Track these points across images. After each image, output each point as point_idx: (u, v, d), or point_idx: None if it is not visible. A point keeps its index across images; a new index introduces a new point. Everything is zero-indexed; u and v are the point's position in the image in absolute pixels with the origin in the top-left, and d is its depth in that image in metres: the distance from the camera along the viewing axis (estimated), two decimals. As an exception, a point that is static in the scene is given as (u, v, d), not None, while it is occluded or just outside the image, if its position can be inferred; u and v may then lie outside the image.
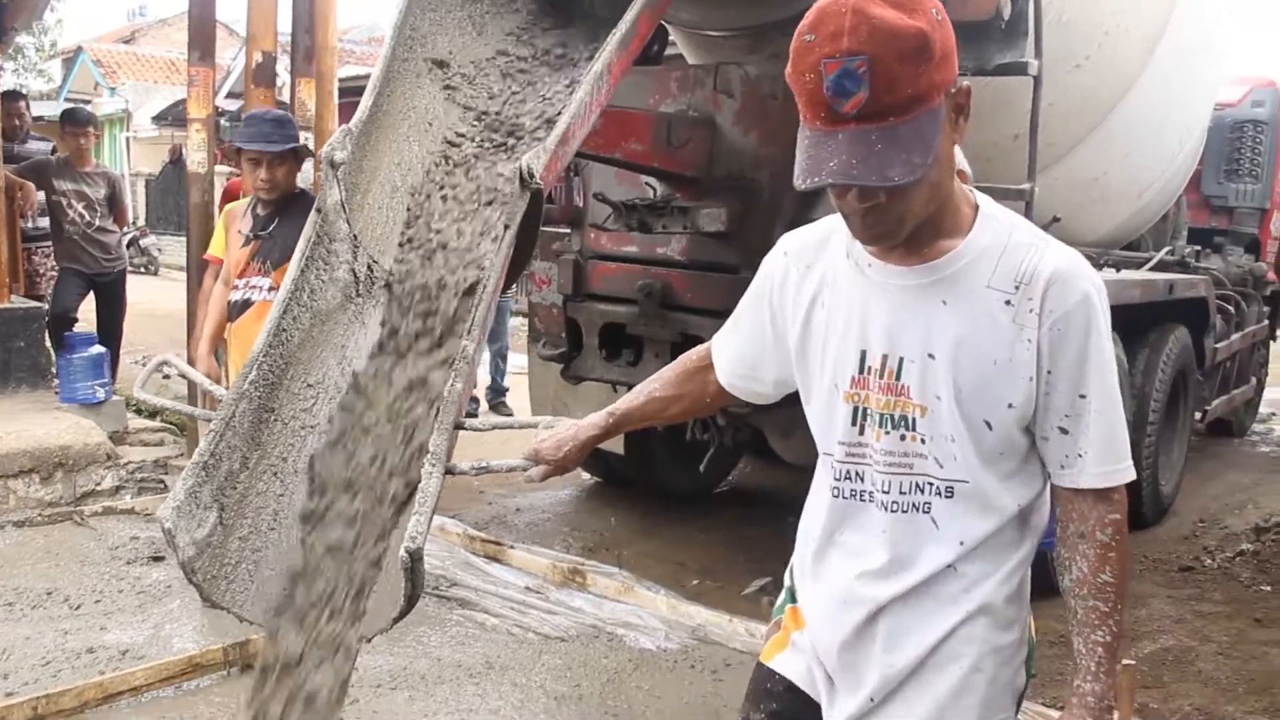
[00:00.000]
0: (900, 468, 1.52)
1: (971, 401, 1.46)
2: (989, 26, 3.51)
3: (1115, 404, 1.48)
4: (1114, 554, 1.49)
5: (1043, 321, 1.42)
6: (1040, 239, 1.50)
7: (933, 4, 1.34)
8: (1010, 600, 1.55)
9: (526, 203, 2.62)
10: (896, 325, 1.50)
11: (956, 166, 2.57)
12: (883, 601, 1.55)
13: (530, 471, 1.91)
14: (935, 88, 1.33)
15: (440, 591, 4.43)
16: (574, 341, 4.56)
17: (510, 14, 3.65)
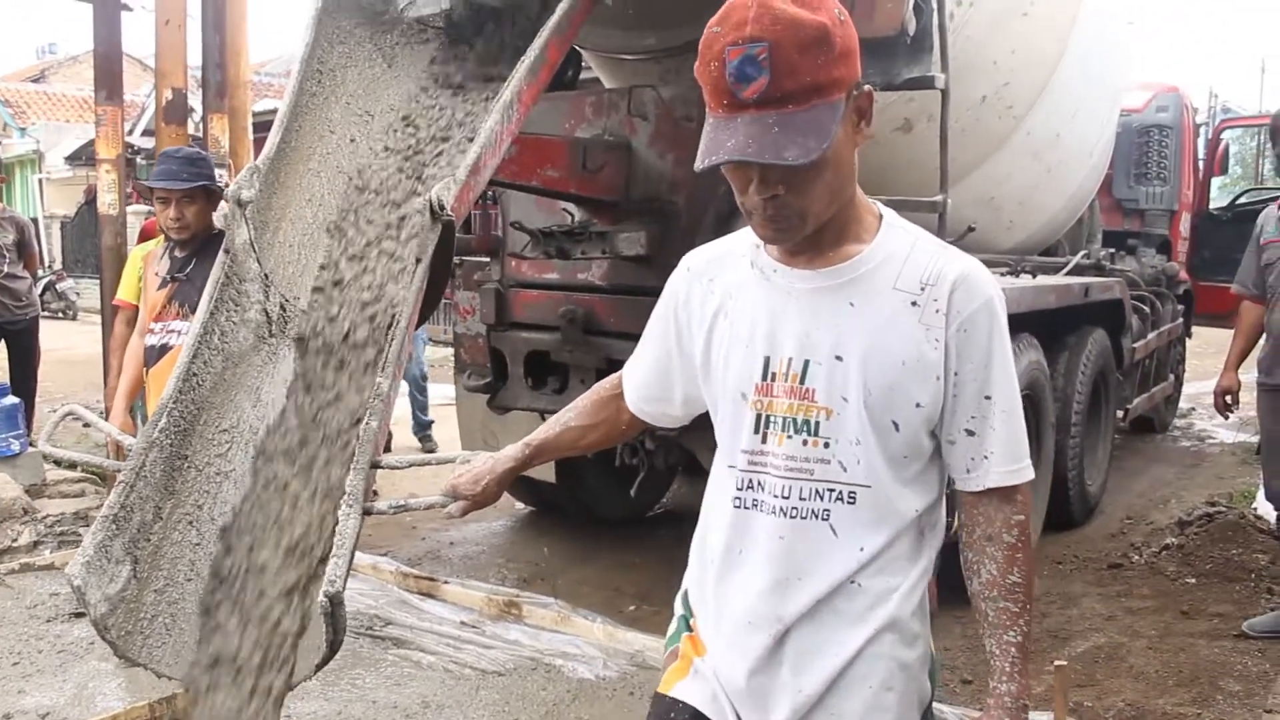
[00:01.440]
0: (801, 473, 1.52)
1: (880, 402, 1.47)
2: (895, 42, 3.55)
3: (1017, 405, 1.51)
4: (1021, 555, 1.52)
5: (950, 322, 1.45)
6: (942, 246, 1.53)
7: (837, 5, 1.38)
8: (915, 614, 1.56)
9: (438, 235, 2.59)
10: (803, 329, 1.51)
11: None
12: (788, 621, 1.53)
13: (449, 508, 1.88)
14: (835, 82, 1.36)
15: (374, 632, 4.35)
16: (499, 371, 4.52)
17: (420, 45, 3.63)
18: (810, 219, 1.44)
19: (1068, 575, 5.39)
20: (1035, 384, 5.12)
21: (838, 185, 1.43)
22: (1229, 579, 5.10)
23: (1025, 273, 5.47)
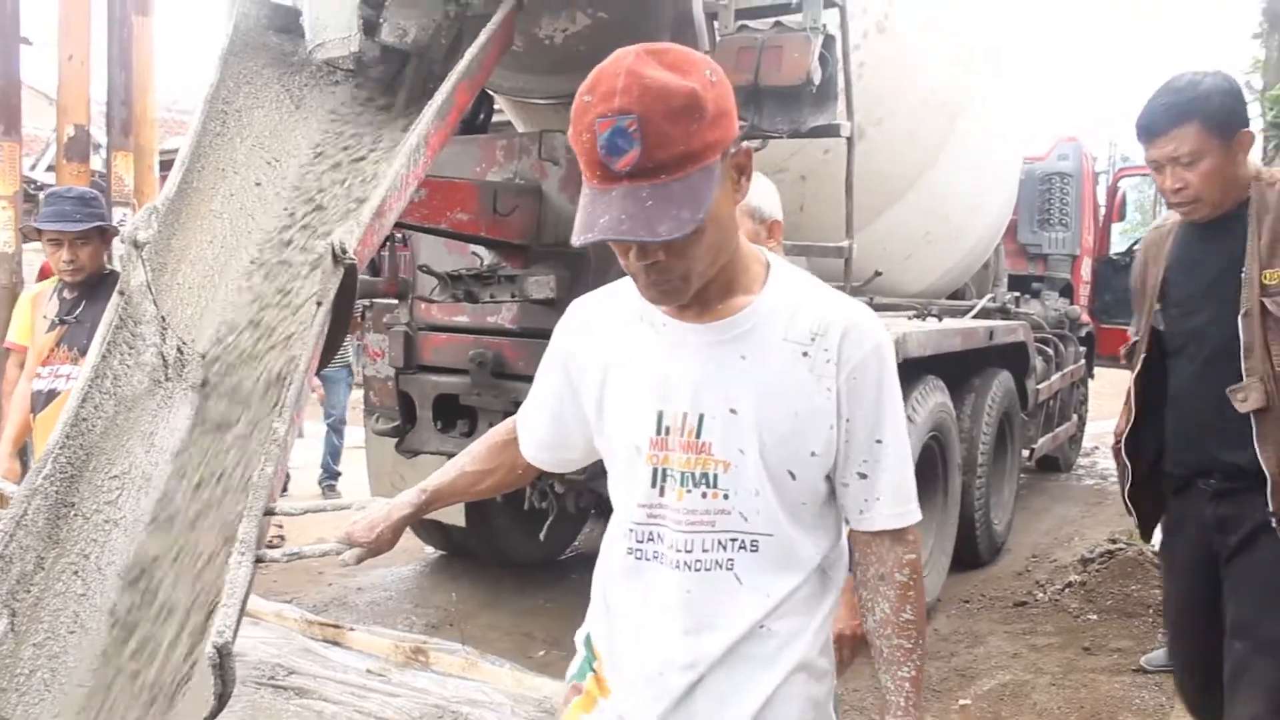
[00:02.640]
0: (702, 526, 1.51)
1: (776, 453, 1.48)
2: (801, 91, 3.62)
3: (906, 448, 1.55)
4: (913, 593, 1.55)
5: (840, 370, 1.47)
6: (830, 294, 1.55)
7: (708, 66, 1.37)
8: (823, 651, 1.58)
9: (340, 278, 2.57)
10: (695, 382, 1.50)
11: (771, 216, 2.64)
12: (702, 669, 1.53)
13: (344, 555, 1.84)
14: (709, 146, 1.34)
15: (276, 681, 4.23)
16: (408, 414, 4.48)
17: (329, 87, 3.61)
18: (694, 280, 1.43)
19: (975, 614, 5.46)
20: (942, 426, 5.21)
21: (719, 244, 1.43)
22: (1128, 614, 5.22)
23: (932, 315, 5.58)
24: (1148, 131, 2.45)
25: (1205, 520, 2.53)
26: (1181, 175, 2.41)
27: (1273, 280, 2.38)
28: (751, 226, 2.59)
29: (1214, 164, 2.38)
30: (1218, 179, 2.39)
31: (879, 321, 1.55)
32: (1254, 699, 2.38)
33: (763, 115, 3.64)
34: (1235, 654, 2.44)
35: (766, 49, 3.54)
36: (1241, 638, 2.43)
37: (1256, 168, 2.49)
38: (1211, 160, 2.38)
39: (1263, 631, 2.39)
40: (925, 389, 5.03)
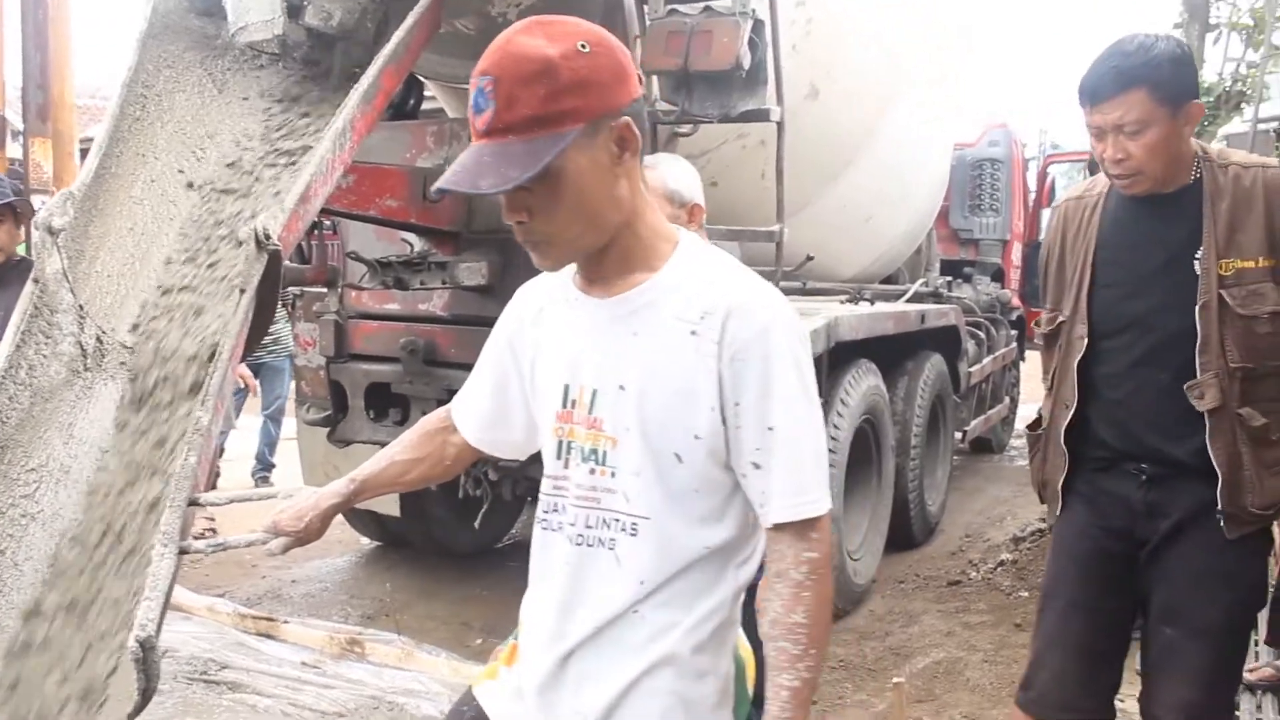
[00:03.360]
0: (590, 502, 1.52)
1: (658, 433, 1.47)
2: (731, 76, 3.62)
3: (805, 436, 1.47)
4: (809, 594, 1.46)
5: (723, 352, 1.44)
6: (733, 275, 1.51)
7: (588, 39, 1.39)
8: (701, 650, 1.51)
9: (264, 265, 2.53)
10: (594, 357, 1.52)
11: (690, 200, 2.63)
12: (571, 645, 1.53)
13: (270, 545, 1.82)
14: (565, 114, 1.37)
15: (209, 676, 4.18)
16: (340, 404, 4.42)
17: (253, 71, 3.55)
18: (561, 244, 1.46)
19: (909, 594, 5.54)
20: (875, 409, 5.27)
21: (587, 212, 1.43)
22: (1058, 592, 5.31)
23: (864, 300, 5.64)
24: (1092, 95, 2.26)
25: (1132, 504, 2.42)
26: (1124, 145, 2.24)
27: (1229, 272, 2.27)
28: (670, 210, 2.62)
29: (1160, 135, 2.21)
30: (1162, 152, 2.23)
31: (776, 303, 1.49)
32: (1185, 683, 2.34)
33: (692, 100, 3.63)
34: (1164, 639, 2.37)
35: (696, 33, 3.54)
36: (1172, 624, 2.36)
37: (1202, 145, 2.37)
38: (1158, 131, 2.21)
39: (1195, 618, 2.34)
40: (858, 372, 5.08)
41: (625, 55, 1.44)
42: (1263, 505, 2.32)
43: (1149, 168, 2.25)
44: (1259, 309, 2.26)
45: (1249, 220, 2.26)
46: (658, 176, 2.63)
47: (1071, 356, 2.45)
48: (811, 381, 1.50)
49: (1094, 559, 2.48)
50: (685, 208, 2.64)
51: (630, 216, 1.48)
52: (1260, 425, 2.29)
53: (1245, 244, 2.26)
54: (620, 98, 1.41)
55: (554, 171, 1.38)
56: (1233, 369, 2.26)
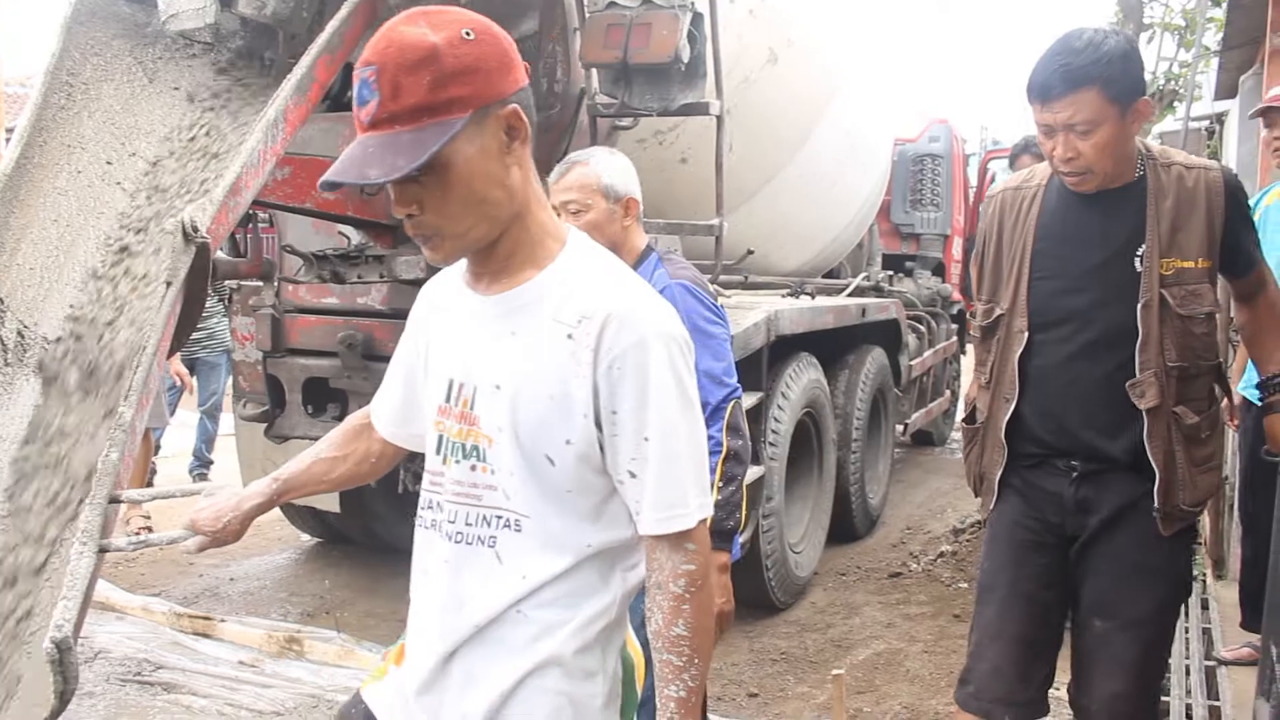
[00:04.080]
0: (469, 499, 1.50)
1: (530, 436, 1.44)
2: (670, 69, 3.62)
3: (683, 447, 1.44)
4: (688, 607, 1.44)
5: (599, 360, 1.41)
6: (614, 278, 1.48)
7: (472, 26, 1.37)
8: (586, 652, 1.49)
9: (191, 257, 2.48)
10: (474, 354, 1.51)
11: (625, 194, 2.61)
12: (454, 644, 1.51)
13: (186, 543, 1.78)
14: (453, 102, 1.34)
15: (142, 677, 4.11)
16: (277, 399, 4.36)
17: (185, 60, 3.48)
18: (450, 238, 1.42)
19: (850, 586, 5.58)
20: (815, 402, 5.30)
21: (478, 202, 1.41)
22: (996, 583, 5.38)
23: (805, 294, 5.67)
24: (1042, 93, 2.21)
25: (1063, 500, 2.42)
26: (1074, 144, 2.21)
27: (1169, 271, 2.27)
28: (606, 206, 2.59)
29: (1110, 134, 2.19)
30: (1112, 150, 2.22)
31: (658, 313, 1.45)
32: (1115, 675, 2.37)
33: (632, 93, 3.63)
34: (1095, 631, 2.40)
35: (635, 26, 3.53)
36: (1103, 616, 2.39)
37: (1145, 143, 2.36)
38: (1108, 130, 2.19)
39: (1125, 611, 2.36)
40: (799, 366, 5.11)
41: (509, 44, 1.42)
42: (1193, 502, 2.35)
43: (1099, 166, 2.24)
44: (1196, 309, 2.27)
45: (1191, 221, 2.27)
46: (591, 172, 2.59)
47: (1011, 350, 2.42)
48: (693, 391, 1.47)
49: (1029, 550, 2.49)
50: (620, 202, 2.61)
51: (522, 208, 1.46)
52: (1193, 424, 2.31)
53: (1186, 244, 2.27)
54: (507, 85, 1.39)
55: (442, 161, 1.36)
56: (1169, 368, 2.28)
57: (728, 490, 2.50)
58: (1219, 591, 4.82)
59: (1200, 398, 2.35)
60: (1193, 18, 10.05)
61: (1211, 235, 2.28)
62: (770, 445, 4.75)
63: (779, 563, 4.93)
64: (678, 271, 2.64)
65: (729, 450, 2.50)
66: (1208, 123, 9.76)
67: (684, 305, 2.53)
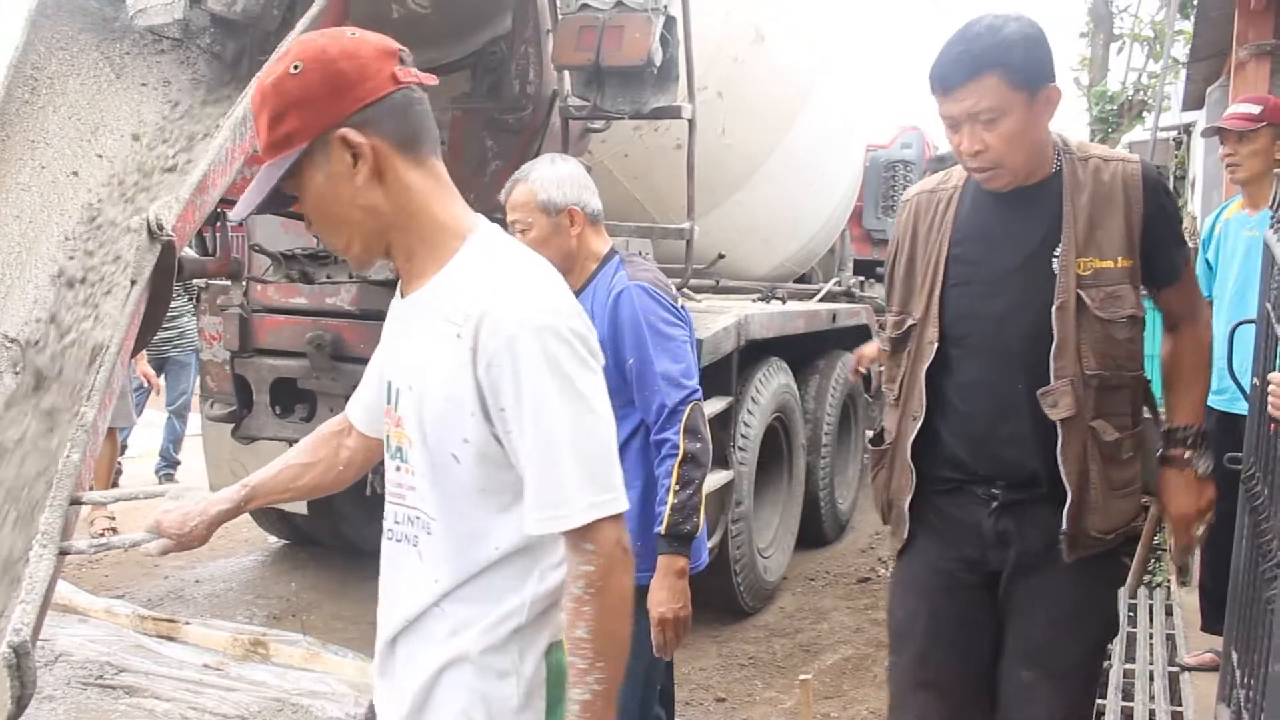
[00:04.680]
0: (397, 498, 1.54)
1: (435, 434, 1.46)
2: (642, 72, 3.61)
3: (562, 443, 1.41)
4: (588, 609, 1.42)
5: (477, 359, 1.41)
6: (494, 276, 1.45)
7: (304, 58, 1.41)
8: (496, 651, 1.48)
9: (157, 256, 2.45)
10: (395, 355, 1.56)
11: (564, 205, 2.58)
12: (393, 632, 1.55)
13: (148, 546, 1.76)
14: (288, 137, 1.40)
15: (105, 680, 4.06)
16: (244, 399, 4.32)
17: (154, 56, 3.44)
18: (341, 251, 1.50)
19: (819, 591, 5.59)
20: (785, 407, 5.31)
21: (341, 225, 1.46)
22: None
23: (776, 299, 5.67)
24: (942, 82, 2.07)
25: (982, 532, 2.21)
26: (980, 135, 2.05)
27: (1087, 271, 2.10)
28: (547, 221, 2.55)
29: (1018, 123, 2.03)
30: (1021, 141, 2.06)
31: (532, 312, 1.41)
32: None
33: (604, 95, 3.62)
34: (1021, 680, 2.20)
35: (608, 29, 3.52)
36: (1029, 664, 2.19)
37: (1062, 136, 2.19)
38: (1015, 119, 2.03)
39: (1054, 660, 2.17)
40: (769, 370, 5.12)
41: (356, 63, 1.41)
42: (1104, 529, 2.15)
43: (1009, 159, 2.07)
44: (1117, 312, 2.10)
45: (1108, 217, 2.11)
46: (528, 189, 2.56)
47: (921, 363, 2.22)
48: (584, 383, 1.43)
49: (947, 595, 2.27)
50: (562, 214, 2.56)
51: (398, 218, 1.46)
52: (1112, 441, 2.12)
53: (1104, 242, 2.11)
54: (339, 109, 1.40)
55: (302, 190, 1.44)
56: (1087, 376, 2.10)
57: (684, 494, 2.45)
58: (1183, 598, 4.86)
59: (1122, 412, 2.15)
60: (1161, 30, 10.18)
61: (1130, 232, 2.11)
62: (740, 450, 4.76)
63: (748, 567, 4.93)
64: (637, 273, 2.60)
65: (685, 453, 2.46)
66: (1175, 133, 9.87)
67: (641, 306, 2.51)
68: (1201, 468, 2.21)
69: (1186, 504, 2.24)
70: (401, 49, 1.48)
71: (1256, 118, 3.56)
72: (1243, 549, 2.55)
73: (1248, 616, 2.36)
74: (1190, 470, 2.21)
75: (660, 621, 2.45)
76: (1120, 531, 2.20)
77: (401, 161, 1.44)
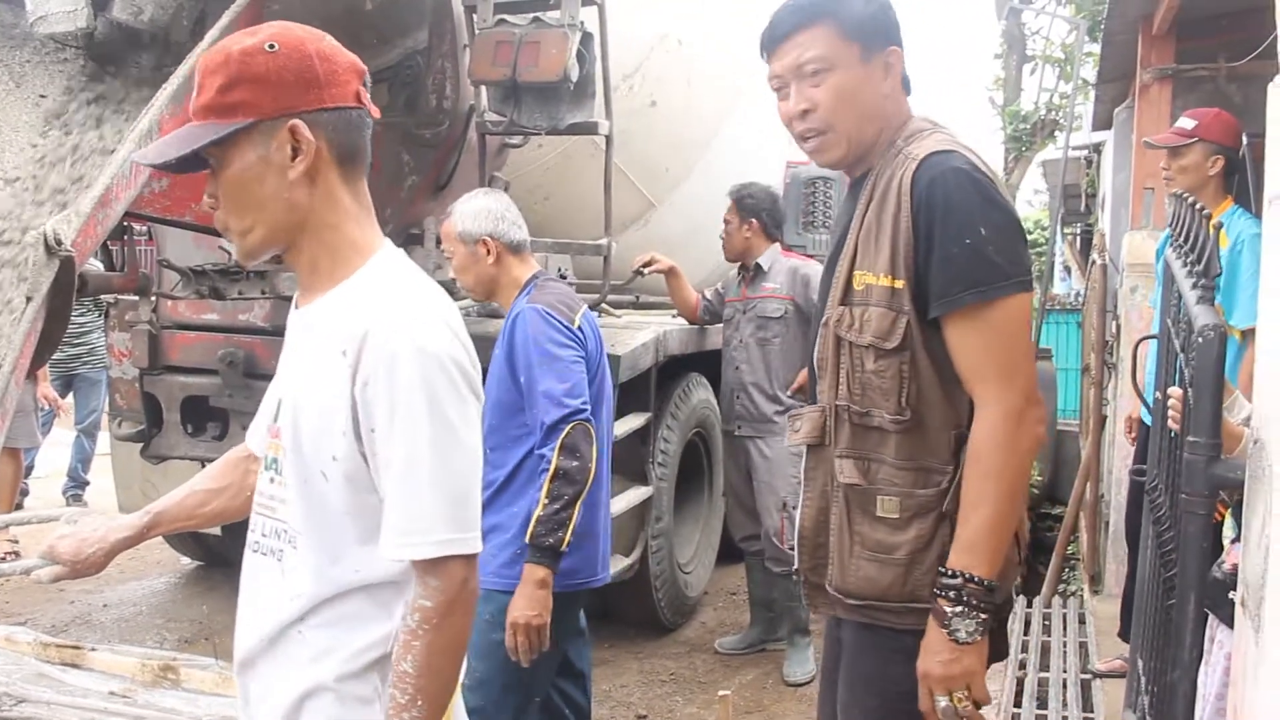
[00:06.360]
0: (266, 510, 1.52)
1: (308, 449, 1.45)
2: (559, 88, 3.61)
3: (426, 472, 1.39)
4: (418, 643, 1.39)
5: (356, 376, 1.39)
6: (384, 295, 1.44)
7: (282, 40, 1.41)
8: (357, 678, 1.45)
9: (55, 272, 2.38)
10: (284, 367, 1.55)
11: (478, 235, 2.73)
12: (245, 654, 1.53)
13: (38, 573, 1.70)
14: (235, 106, 1.39)
15: (3, 712, 3.91)
16: (154, 418, 4.22)
17: (57, 65, 3.35)
18: (234, 235, 1.46)
19: (741, 605, 5.59)
20: (705, 422, 5.32)
21: (252, 207, 1.43)
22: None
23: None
24: (769, 40, 1.86)
25: None
26: (808, 93, 1.80)
27: (860, 286, 1.79)
28: (465, 250, 2.81)
29: (849, 79, 1.79)
30: (853, 102, 1.79)
31: (417, 331, 1.40)
32: None
33: (521, 111, 3.61)
34: None
35: (524, 44, 3.52)
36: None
37: (924, 123, 1.88)
38: (846, 74, 1.79)
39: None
40: (689, 386, 5.13)
41: (331, 66, 1.43)
42: (842, 588, 1.83)
43: (840, 122, 1.80)
44: (861, 337, 1.79)
45: (882, 225, 1.79)
46: (451, 222, 2.83)
47: None
48: (455, 415, 1.41)
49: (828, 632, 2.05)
50: (477, 243, 2.80)
51: (311, 223, 1.46)
52: (853, 485, 1.81)
53: (875, 255, 1.79)
54: (300, 101, 1.41)
55: (223, 161, 1.41)
56: (838, 407, 1.83)
57: (552, 508, 2.56)
58: (1095, 606, 4.97)
59: (881, 459, 1.79)
60: (1071, 51, 10.45)
61: (894, 244, 1.76)
62: (659, 465, 4.76)
63: (668, 583, 4.93)
64: (538, 296, 2.76)
65: (556, 469, 2.57)
66: (1086, 152, 10.15)
67: (532, 328, 2.66)
68: (962, 632, 1.70)
69: (930, 665, 1.73)
70: (365, 73, 1.49)
71: (1189, 133, 3.60)
72: (1147, 558, 2.60)
73: (1152, 624, 2.41)
74: (942, 631, 1.71)
75: (513, 626, 2.56)
76: (872, 604, 1.80)
77: (336, 173, 1.46)
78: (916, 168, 1.75)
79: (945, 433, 1.77)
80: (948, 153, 1.76)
